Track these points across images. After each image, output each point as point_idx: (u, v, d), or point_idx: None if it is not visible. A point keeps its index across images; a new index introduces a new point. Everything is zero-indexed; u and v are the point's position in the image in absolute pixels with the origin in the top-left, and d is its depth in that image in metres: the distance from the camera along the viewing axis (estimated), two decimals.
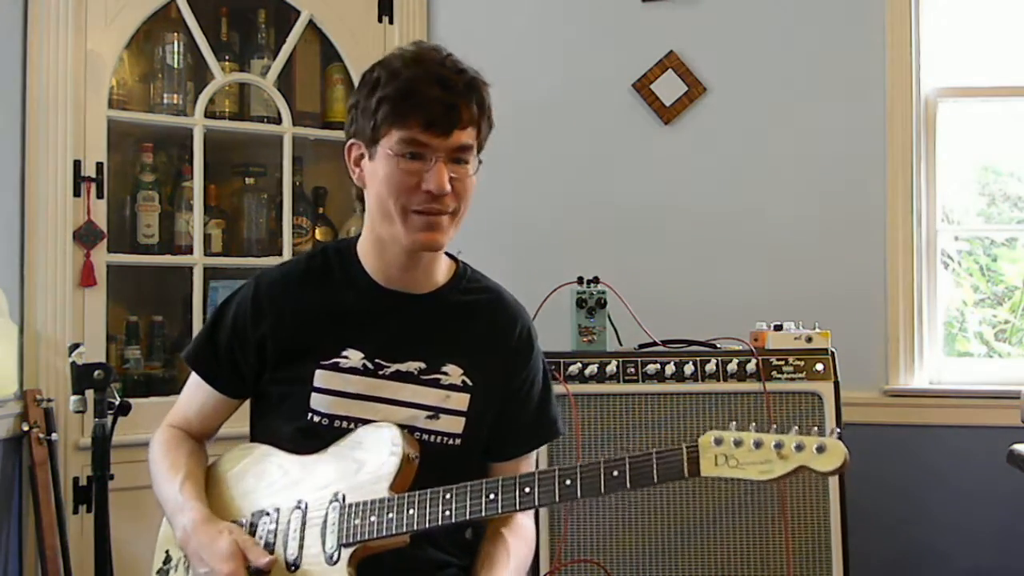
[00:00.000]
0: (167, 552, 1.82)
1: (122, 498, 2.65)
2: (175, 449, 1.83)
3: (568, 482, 1.54)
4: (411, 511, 1.60)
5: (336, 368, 1.73)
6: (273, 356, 1.76)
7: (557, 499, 1.55)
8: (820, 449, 1.43)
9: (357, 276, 1.78)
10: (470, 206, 1.72)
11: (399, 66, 1.67)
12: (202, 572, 1.65)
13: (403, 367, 1.74)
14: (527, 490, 1.56)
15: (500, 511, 1.58)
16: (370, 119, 1.68)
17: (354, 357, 1.74)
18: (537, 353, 1.87)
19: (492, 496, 1.57)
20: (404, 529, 1.60)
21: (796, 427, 1.48)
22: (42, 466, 2.74)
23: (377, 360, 1.74)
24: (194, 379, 1.85)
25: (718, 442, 1.48)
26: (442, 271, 1.81)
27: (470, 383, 1.76)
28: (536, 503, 1.57)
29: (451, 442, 1.75)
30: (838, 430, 1.47)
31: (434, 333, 1.77)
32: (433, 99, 1.63)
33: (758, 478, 1.46)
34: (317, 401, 1.73)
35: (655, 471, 1.50)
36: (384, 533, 1.61)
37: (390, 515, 1.61)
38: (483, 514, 1.59)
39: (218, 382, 1.83)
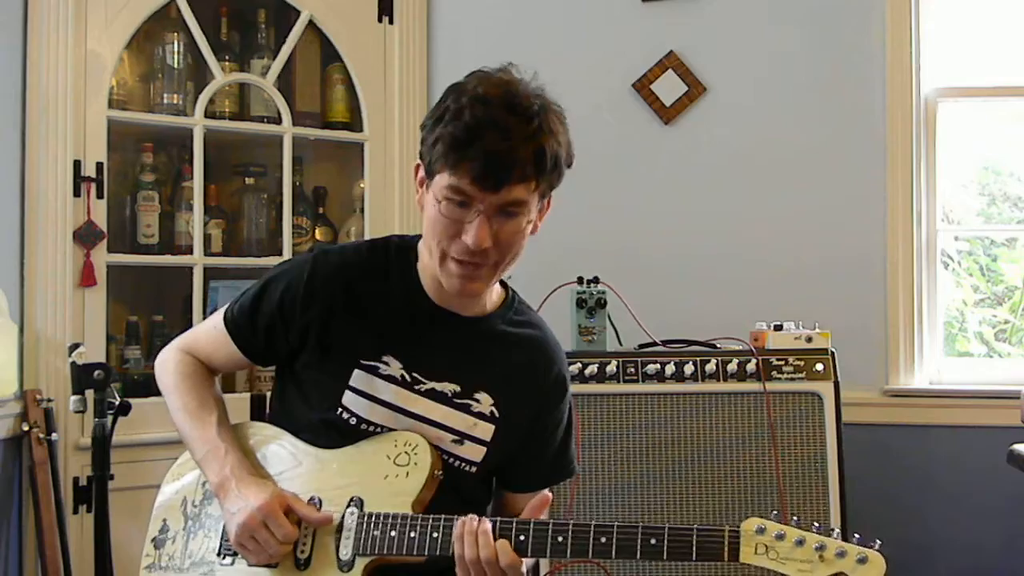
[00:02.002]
0: (164, 521, 1.80)
1: (122, 498, 2.65)
2: (202, 386, 1.81)
3: (603, 540, 1.53)
4: (435, 535, 1.59)
5: (375, 372, 1.71)
6: (315, 342, 1.73)
7: (590, 555, 1.54)
8: (862, 560, 1.45)
9: (412, 284, 1.75)
10: (521, 254, 1.68)
11: (467, 101, 1.58)
12: (234, 509, 1.64)
13: (438, 386, 1.72)
14: (560, 539, 1.55)
15: (529, 554, 1.56)
16: (428, 154, 1.62)
17: (393, 366, 1.71)
18: (568, 398, 1.84)
19: (523, 538, 1.56)
20: (426, 552, 1.59)
21: (836, 530, 1.49)
22: (42, 466, 2.74)
23: (414, 374, 1.72)
24: (223, 329, 1.81)
25: (760, 531, 1.48)
26: (492, 296, 1.79)
27: (497, 415, 1.74)
28: (568, 554, 1.55)
29: (468, 468, 1.74)
30: (879, 542, 1.48)
31: (473, 358, 1.75)
32: (488, 152, 1.55)
33: (796, 575, 1.47)
34: (350, 400, 1.71)
35: (694, 550, 1.50)
36: (404, 552, 1.59)
37: (412, 534, 1.59)
38: None
39: (250, 352, 1.81)
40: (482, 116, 1.56)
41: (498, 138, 1.55)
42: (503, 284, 1.83)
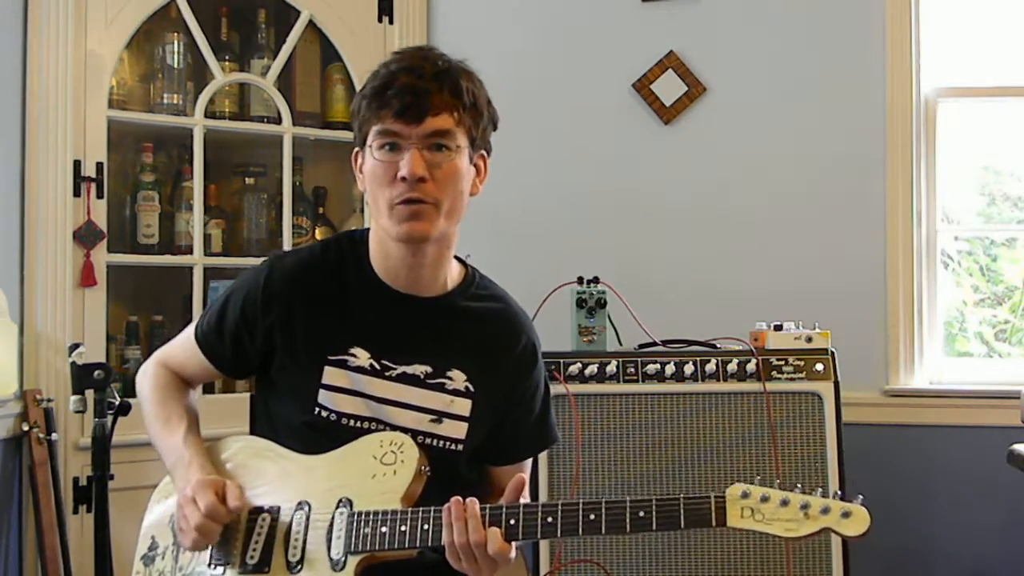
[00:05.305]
0: (153, 538, 1.81)
1: (122, 498, 2.65)
2: (175, 397, 1.84)
3: (592, 517, 1.54)
4: (425, 527, 1.59)
5: (344, 366, 1.73)
6: (282, 345, 1.76)
7: (580, 532, 1.55)
8: (846, 515, 1.48)
9: (367, 274, 1.78)
10: (464, 198, 1.71)
11: (382, 64, 1.70)
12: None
13: (409, 370, 1.74)
14: (549, 520, 1.56)
15: (521, 537, 1.57)
16: (357, 120, 1.71)
17: (362, 356, 1.74)
18: (540, 365, 1.86)
19: (512, 522, 1.57)
20: (418, 544, 1.60)
21: (820, 489, 1.51)
22: (42, 466, 2.74)
23: (384, 361, 1.74)
24: (194, 343, 1.85)
25: (745, 495, 1.51)
26: (452, 276, 1.81)
27: (472, 389, 1.76)
28: (558, 533, 1.56)
29: (453, 447, 1.75)
30: (861, 496, 1.51)
31: (440, 337, 1.77)
32: (403, 88, 1.63)
33: (783, 535, 1.50)
34: (325, 397, 1.73)
35: (682, 517, 1.53)
36: (396, 546, 1.60)
37: (403, 528, 1.60)
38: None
39: (221, 364, 1.83)
40: (396, 67, 1.67)
41: (413, 76, 1.65)
42: (463, 264, 1.85)
